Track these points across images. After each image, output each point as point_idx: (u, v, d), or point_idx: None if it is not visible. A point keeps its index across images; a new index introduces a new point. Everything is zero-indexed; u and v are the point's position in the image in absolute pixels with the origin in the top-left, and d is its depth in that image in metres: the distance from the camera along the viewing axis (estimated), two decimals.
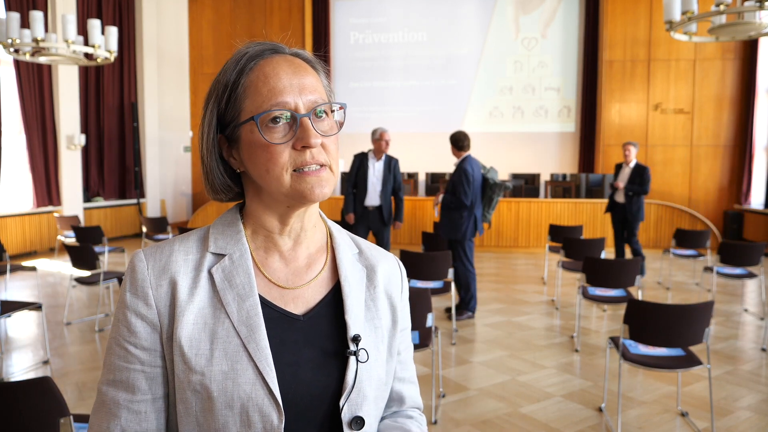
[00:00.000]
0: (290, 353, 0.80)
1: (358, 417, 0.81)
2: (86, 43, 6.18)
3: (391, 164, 5.51)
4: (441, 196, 5.13)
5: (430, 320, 3.13)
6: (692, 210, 9.14)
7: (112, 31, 6.26)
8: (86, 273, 5.06)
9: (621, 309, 5.17)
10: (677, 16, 4.93)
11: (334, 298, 0.87)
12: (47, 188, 8.75)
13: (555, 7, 10.57)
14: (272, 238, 0.86)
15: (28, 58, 6.25)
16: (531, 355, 4.24)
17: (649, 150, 10.09)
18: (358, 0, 11.18)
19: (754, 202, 9.59)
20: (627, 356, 3.00)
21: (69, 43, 5.84)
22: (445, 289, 4.58)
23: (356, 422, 0.81)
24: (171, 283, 0.80)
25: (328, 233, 0.93)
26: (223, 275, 0.82)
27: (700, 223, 8.71)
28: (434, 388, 3.43)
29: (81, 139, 9.05)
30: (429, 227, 8.81)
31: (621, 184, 6.56)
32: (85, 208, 9.46)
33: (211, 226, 0.87)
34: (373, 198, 5.46)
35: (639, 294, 4.66)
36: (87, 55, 7.20)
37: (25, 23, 6.77)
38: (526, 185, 9.62)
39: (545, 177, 10.21)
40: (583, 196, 9.26)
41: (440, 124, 10.71)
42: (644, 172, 6.40)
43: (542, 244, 8.63)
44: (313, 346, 0.82)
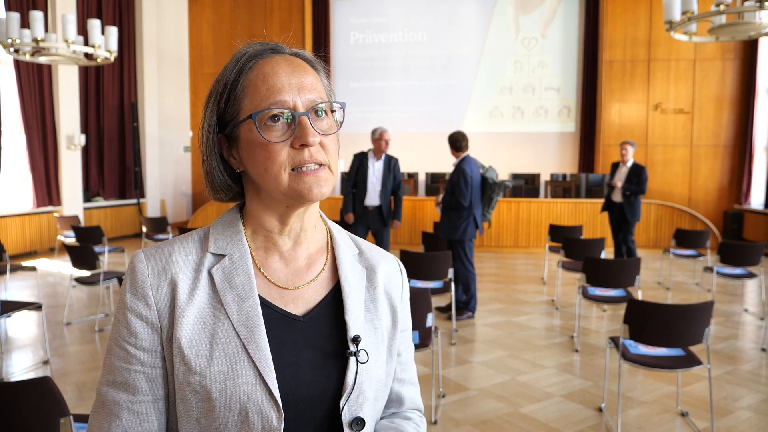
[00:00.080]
0: (290, 354, 0.80)
1: (358, 418, 0.81)
2: (86, 43, 6.18)
3: (390, 164, 5.49)
4: (441, 196, 5.13)
5: (430, 320, 3.13)
6: (692, 210, 9.14)
7: (112, 31, 6.26)
8: (86, 273, 5.06)
9: (621, 309, 5.17)
10: (677, 16, 4.93)
11: (334, 299, 0.86)
12: (47, 188, 8.75)
13: (555, 7, 10.57)
14: (272, 238, 0.86)
15: (28, 58, 6.25)
16: (531, 355, 4.24)
17: (649, 150, 10.09)
18: (358, 0, 11.18)
19: (754, 202, 9.59)
20: (627, 356, 3.00)
21: (69, 43, 5.84)
22: (445, 289, 4.58)
23: (356, 423, 0.80)
24: (171, 284, 0.80)
25: (329, 234, 0.93)
26: (223, 276, 0.82)
27: (700, 223, 8.71)
28: (434, 388, 3.43)
29: (81, 139, 9.05)
30: (429, 227, 8.81)
31: (619, 183, 6.50)
32: (85, 208, 9.46)
33: (211, 227, 0.87)
34: (372, 198, 5.45)
35: (639, 294, 4.67)
36: (87, 55, 7.20)
37: (25, 23, 6.76)
38: (526, 185, 9.62)
39: (545, 177, 10.20)
40: (583, 196, 9.26)
41: (440, 124, 10.70)
42: (642, 172, 6.35)
43: (542, 244, 8.63)
44: (313, 347, 0.82)
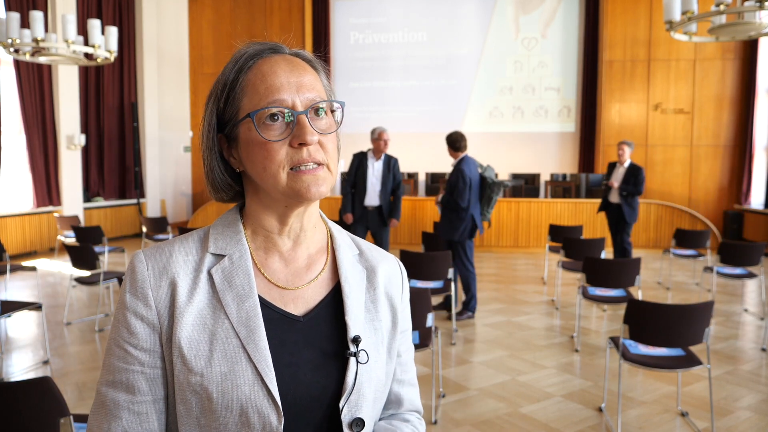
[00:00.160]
0: (290, 354, 0.80)
1: (358, 418, 0.81)
2: (86, 43, 6.18)
3: (390, 164, 5.47)
4: (441, 195, 5.13)
5: (430, 320, 3.13)
6: (692, 210, 9.14)
7: (112, 31, 6.26)
8: (86, 273, 5.06)
9: (621, 309, 5.17)
10: (677, 16, 4.93)
11: (334, 299, 0.86)
12: (47, 188, 8.75)
13: (555, 7, 10.57)
14: (272, 238, 0.86)
15: (28, 58, 6.25)
16: (531, 355, 4.24)
17: (649, 150, 10.09)
18: (358, 0, 11.18)
19: (754, 202, 9.58)
20: (627, 356, 3.00)
21: (69, 43, 5.84)
22: (445, 289, 4.58)
23: (356, 424, 0.80)
24: (171, 284, 0.80)
25: (329, 234, 0.93)
26: (223, 276, 0.82)
27: (700, 223, 8.71)
28: (434, 388, 3.43)
29: (81, 139, 9.05)
30: (429, 227, 8.81)
31: (616, 183, 6.45)
32: (85, 208, 9.46)
33: (211, 227, 0.87)
34: (372, 198, 5.44)
35: (639, 294, 4.67)
36: (87, 55, 7.20)
37: (25, 23, 6.76)
38: (526, 185, 9.62)
39: (545, 177, 10.20)
40: (583, 196, 9.25)
41: (440, 124, 10.69)
42: (639, 173, 6.27)
43: (542, 244, 8.63)
44: (313, 347, 0.82)
